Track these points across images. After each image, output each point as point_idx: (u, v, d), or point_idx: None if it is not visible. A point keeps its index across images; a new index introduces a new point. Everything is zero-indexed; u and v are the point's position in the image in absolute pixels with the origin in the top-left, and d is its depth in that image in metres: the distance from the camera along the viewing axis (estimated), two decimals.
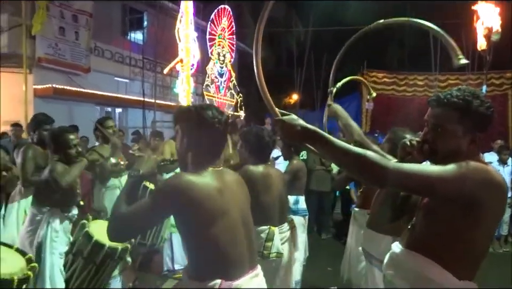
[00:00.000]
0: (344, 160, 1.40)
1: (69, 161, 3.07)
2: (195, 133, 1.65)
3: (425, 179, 1.39)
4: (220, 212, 1.55)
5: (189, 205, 1.49)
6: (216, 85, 14.98)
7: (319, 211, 6.86)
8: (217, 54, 15.08)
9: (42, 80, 9.91)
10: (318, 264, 5.06)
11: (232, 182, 1.71)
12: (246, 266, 1.62)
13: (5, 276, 1.83)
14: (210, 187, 1.56)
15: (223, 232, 1.54)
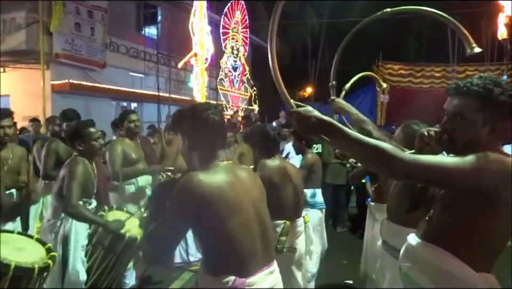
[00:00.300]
0: (360, 151, 1.37)
1: (91, 154, 3.12)
2: (195, 130, 1.66)
3: (441, 171, 1.37)
4: (233, 208, 1.54)
5: (202, 203, 1.49)
6: (230, 78, 15.00)
7: (334, 205, 6.82)
8: (231, 47, 15.08)
9: (59, 75, 10.07)
10: (334, 257, 5.04)
11: (244, 176, 1.69)
12: (261, 262, 1.60)
13: (27, 264, 1.88)
14: (221, 183, 1.55)
15: (237, 229, 1.53)
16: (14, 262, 1.82)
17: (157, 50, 11.94)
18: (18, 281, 1.85)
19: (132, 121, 3.98)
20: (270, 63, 1.43)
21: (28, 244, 2.10)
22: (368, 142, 1.34)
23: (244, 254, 1.54)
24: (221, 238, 1.52)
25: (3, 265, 1.80)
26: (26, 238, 2.17)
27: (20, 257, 1.91)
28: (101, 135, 7.10)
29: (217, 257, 1.56)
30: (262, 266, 1.60)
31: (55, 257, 2.10)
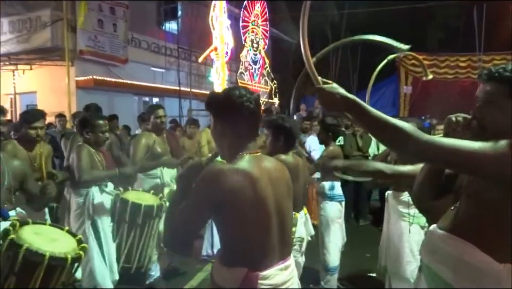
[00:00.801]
0: (380, 130, 1.38)
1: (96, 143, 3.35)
2: (226, 116, 1.60)
3: (457, 153, 1.34)
4: (254, 203, 1.50)
5: (224, 196, 1.47)
6: (250, 72, 14.98)
7: (356, 198, 6.77)
8: (251, 41, 15.05)
9: (84, 72, 10.29)
10: (356, 250, 5.02)
11: (271, 169, 1.64)
12: (276, 257, 1.58)
13: (60, 254, 1.94)
14: (246, 177, 1.50)
15: (255, 224, 1.51)
16: (48, 252, 1.88)
17: (177, 45, 12.04)
18: (52, 270, 1.91)
19: (159, 117, 4.00)
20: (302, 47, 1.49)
21: (59, 235, 2.18)
22: (387, 120, 1.35)
23: (259, 248, 1.54)
24: (238, 231, 1.51)
25: (38, 255, 1.86)
26: (58, 229, 2.24)
27: (53, 247, 1.98)
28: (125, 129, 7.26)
29: (233, 249, 1.56)
30: (277, 261, 1.58)
31: (86, 248, 2.16)
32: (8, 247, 1.86)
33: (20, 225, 2.04)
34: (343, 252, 4.19)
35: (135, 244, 3.27)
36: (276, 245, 1.57)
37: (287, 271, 1.61)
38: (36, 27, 9.99)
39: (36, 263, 1.86)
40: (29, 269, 1.86)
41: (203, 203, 1.49)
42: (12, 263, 1.85)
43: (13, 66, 10.76)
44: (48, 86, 10.47)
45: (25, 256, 1.84)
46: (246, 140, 1.61)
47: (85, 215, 3.21)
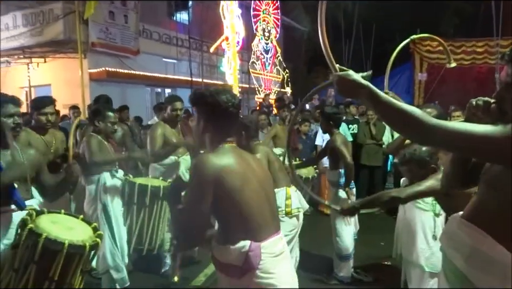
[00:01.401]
0: (391, 115, 1.39)
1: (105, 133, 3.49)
2: (212, 117, 1.78)
3: (468, 138, 1.30)
4: (243, 180, 1.69)
5: (217, 177, 1.64)
6: (262, 61, 14.90)
7: (370, 187, 6.71)
8: (262, 30, 14.94)
9: (96, 64, 10.37)
10: (371, 239, 4.99)
11: (247, 156, 1.86)
12: (271, 229, 1.75)
13: (78, 242, 1.97)
14: (230, 160, 1.70)
15: (249, 198, 1.68)
16: (67, 240, 1.91)
17: (188, 36, 12.01)
18: (71, 258, 1.95)
19: (175, 110, 4.00)
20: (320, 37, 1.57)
21: (75, 224, 2.21)
22: (399, 107, 1.35)
23: (257, 220, 1.69)
24: (235, 207, 1.66)
25: (57, 243, 1.89)
26: (73, 217, 2.27)
27: (71, 235, 2.00)
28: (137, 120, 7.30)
29: (233, 226, 1.69)
30: (272, 232, 1.74)
31: (101, 235, 2.19)
32: (27, 236, 1.89)
33: (36, 214, 2.07)
34: (357, 240, 4.17)
35: (145, 225, 3.36)
36: (269, 218, 1.76)
37: (282, 241, 1.81)
38: (48, 20, 10.07)
39: (55, 251, 1.89)
40: (48, 257, 1.89)
41: (203, 187, 1.64)
42: (32, 251, 1.88)
43: (27, 59, 10.90)
44: (62, 79, 10.58)
45: (44, 245, 1.87)
46: (225, 136, 1.81)
47: (97, 201, 3.31)
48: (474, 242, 1.42)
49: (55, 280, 1.91)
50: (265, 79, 15.00)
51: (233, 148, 1.81)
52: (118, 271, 3.34)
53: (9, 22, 10.59)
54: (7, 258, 1.97)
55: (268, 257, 1.67)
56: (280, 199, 3.09)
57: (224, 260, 1.70)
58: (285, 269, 1.76)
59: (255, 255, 1.64)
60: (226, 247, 1.68)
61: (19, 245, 1.91)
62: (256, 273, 1.65)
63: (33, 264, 1.87)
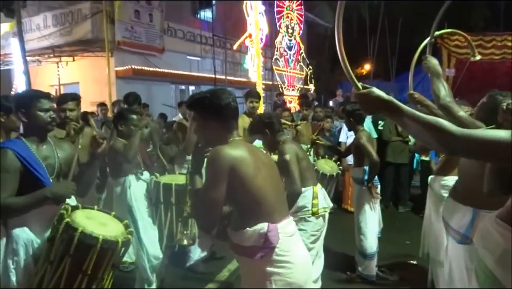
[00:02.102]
0: (415, 128, 1.40)
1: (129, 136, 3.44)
2: (215, 115, 1.89)
3: (493, 145, 1.29)
4: (256, 168, 1.82)
5: (233, 165, 1.76)
6: (285, 58, 14.85)
7: (396, 184, 6.61)
8: (286, 26, 14.87)
9: (123, 62, 10.57)
10: (396, 237, 4.92)
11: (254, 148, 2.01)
12: (283, 213, 1.90)
13: (111, 238, 2.03)
14: (243, 151, 1.83)
15: (262, 183, 1.81)
16: (101, 236, 1.97)
17: (212, 33, 12.08)
18: (103, 253, 2.00)
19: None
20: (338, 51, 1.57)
21: (108, 220, 2.25)
22: (422, 118, 1.37)
23: (270, 204, 1.83)
24: (250, 193, 1.79)
25: (92, 238, 1.95)
26: (105, 214, 2.32)
27: (105, 231, 2.06)
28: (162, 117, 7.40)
29: (249, 210, 1.83)
30: (284, 216, 1.90)
31: (133, 232, 2.24)
32: (63, 230, 1.95)
33: (72, 209, 2.13)
34: (382, 239, 4.12)
35: (174, 222, 3.39)
36: (280, 203, 1.91)
37: (293, 224, 1.95)
38: (77, 20, 10.34)
39: (89, 246, 1.94)
40: (83, 251, 1.95)
41: (218, 176, 1.75)
42: (67, 245, 1.94)
43: (57, 58, 11.22)
44: (89, 77, 10.85)
45: (80, 239, 1.93)
46: (231, 131, 1.92)
47: (124, 203, 3.33)
48: (506, 242, 1.39)
49: (88, 274, 1.97)
50: (288, 75, 14.94)
51: (242, 141, 1.94)
52: (144, 271, 3.38)
53: (40, 22, 10.93)
54: (43, 250, 2.04)
55: (284, 237, 1.82)
56: (307, 199, 3.07)
57: (245, 243, 1.83)
58: (299, 247, 1.92)
59: (273, 234, 1.78)
60: (245, 231, 1.81)
61: (55, 238, 1.97)
62: (275, 251, 1.79)
63: (68, 257, 1.93)
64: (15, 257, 2.07)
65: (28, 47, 9.12)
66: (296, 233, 1.95)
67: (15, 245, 2.07)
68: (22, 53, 7.68)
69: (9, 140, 2.28)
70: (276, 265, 1.79)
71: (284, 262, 1.80)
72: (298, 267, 1.84)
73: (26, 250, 2.09)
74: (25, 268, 2.08)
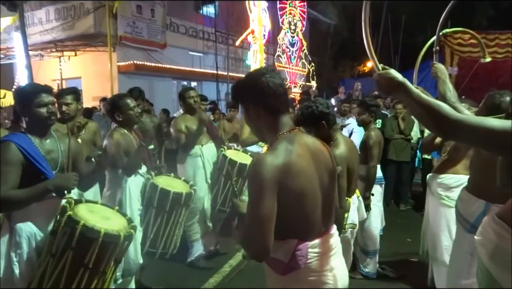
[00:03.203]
0: (418, 109, 1.43)
1: (130, 123, 3.22)
2: (254, 99, 1.62)
3: (487, 132, 1.30)
4: (303, 180, 1.55)
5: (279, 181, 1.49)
6: (287, 55, 14.81)
7: (397, 182, 6.60)
8: (288, 23, 14.82)
9: (125, 57, 10.56)
10: (397, 235, 4.93)
11: (310, 144, 1.67)
12: (321, 227, 1.66)
13: (113, 232, 2.03)
14: (292, 158, 1.54)
15: (305, 200, 1.57)
16: (103, 229, 1.97)
17: (214, 29, 12.06)
18: (106, 247, 2.01)
19: (191, 97, 4.10)
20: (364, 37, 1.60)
21: (111, 214, 2.27)
22: (423, 100, 1.40)
23: (308, 220, 1.61)
24: (290, 207, 1.54)
25: (94, 231, 1.96)
26: (108, 208, 2.32)
27: (107, 225, 2.07)
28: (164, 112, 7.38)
29: (283, 223, 1.56)
30: (323, 230, 1.67)
31: (136, 227, 2.24)
32: (66, 223, 1.96)
33: (75, 203, 2.14)
34: (384, 236, 4.12)
35: (161, 230, 3.23)
36: (321, 216, 1.65)
37: (333, 239, 1.71)
38: (79, 14, 10.32)
39: (91, 239, 1.95)
40: (85, 245, 1.95)
41: (264, 191, 1.47)
42: (69, 238, 1.95)
43: (59, 52, 11.21)
44: (91, 71, 10.84)
45: (81, 232, 1.93)
46: (281, 115, 1.62)
47: (115, 197, 3.17)
48: (499, 240, 1.40)
49: (89, 267, 1.98)
50: (290, 72, 14.91)
51: (295, 136, 1.62)
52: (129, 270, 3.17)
53: (43, 16, 10.91)
54: (45, 244, 2.05)
55: (315, 256, 1.61)
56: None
57: (272, 254, 1.58)
58: (333, 265, 1.68)
59: (301, 254, 1.59)
60: (274, 241, 1.55)
61: (57, 231, 1.98)
62: (301, 272, 1.60)
63: (70, 250, 1.94)
64: (18, 250, 2.07)
65: (30, 41, 9.11)
66: (336, 247, 1.72)
67: (18, 238, 2.08)
68: (24, 47, 7.66)
69: (13, 134, 2.28)
70: (303, 285, 1.62)
71: (314, 282, 1.62)
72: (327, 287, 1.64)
73: (29, 243, 2.09)
74: (28, 261, 2.08)
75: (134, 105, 3.23)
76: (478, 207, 2.41)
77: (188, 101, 4.09)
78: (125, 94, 3.50)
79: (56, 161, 2.24)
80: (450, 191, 3.30)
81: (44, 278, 1.98)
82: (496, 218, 1.46)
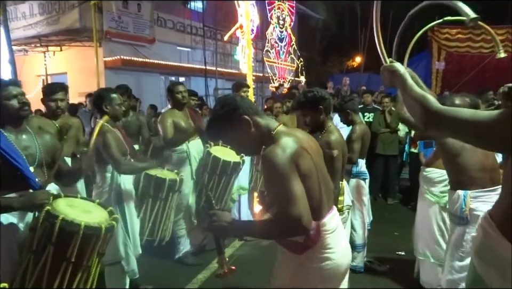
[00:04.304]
0: (407, 100, 1.48)
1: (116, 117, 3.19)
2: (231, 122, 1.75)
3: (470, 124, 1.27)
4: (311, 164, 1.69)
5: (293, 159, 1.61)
6: (276, 50, 14.79)
7: (385, 176, 6.64)
8: (277, 18, 14.80)
9: (111, 52, 10.42)
10: (385, 229, 4.96)
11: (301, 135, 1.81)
12: (326, 207, 1.80)
13: (94, 224, 1.99)
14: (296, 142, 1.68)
15: (313, 181, 1.69)
16: (83, 222, 1.93)
17: (202, 24, 11.96)
18: (87, 240, 1.97)
19: (179, 92, 4.05)
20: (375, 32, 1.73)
21: (91, 207, 2.23)
22: (412, 91, 1.44)
23: (316, 200, 1.73)
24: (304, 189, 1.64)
25: (74, 224, 1.91)
26: (89, 202, 2.30)
27: (88, 218, 2.03)
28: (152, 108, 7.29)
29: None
30: (327, 210, 1.80)
31: (117, 218, 2.21)
32: (44, 218, 1.92)
33: (53, 198, 2.10)
34: (371, 230, 4.15)
35: (158, 218, 3.35)
36: (325, 196, 1.79)
37: (336, 217, 1.86)
38: (64, 8, 10.14)
39: (72, 233, 1.91)
40: (65, 239, 1.91)
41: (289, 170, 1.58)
42: (49, 233, 1.90)
43: (44, 47, 11.02)
44: (77, 67, 10.68)
45: (61, 226, 1.89)
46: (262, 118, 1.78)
47: (111, 190, 3.17)
48: (484, 235, 1.39)
49: (72, 261, 1.94)
50: (279, 67, 14.90)
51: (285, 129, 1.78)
52: (129, 262, 3.23)
53: (26, 10, 10.71)
54: (25, 240, 2.01)
55: (325, 234, 1.75)
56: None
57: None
58: (340, 242, 1.84)
59: (315, 232, 1.71)
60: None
61: (36, 227, 1.94)
62: (315, 249, 1.73)
63: (51, 245, 1.90)
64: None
65: (14, 36, 8.93)
66: (339, 225, 1.87)
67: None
68: (7, 41, 7.51)
69: None
70: (315, 261, 1.75)
71: (324, 258, 1.75)
72: (338, 262, 1.79)
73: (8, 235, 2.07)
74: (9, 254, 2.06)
75: (121, 102, 3.23)
76: (458, 198, 2.54)
77: (176, 96, 4.04)
78: (112, 88, 3.47)
79: (34, 157, 2.21)
80: (433, 185, 3.33)
81: (26, 276, 1.94)
82: (487, 214, 1.44)
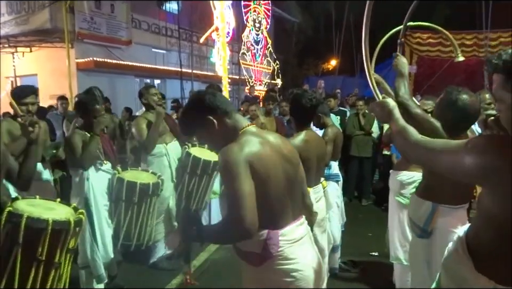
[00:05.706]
0: (394, 134, 1.57)
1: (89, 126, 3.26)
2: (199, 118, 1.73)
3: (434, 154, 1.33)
4: (270, 168, 1.62)
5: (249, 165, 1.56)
6: (252, 52, 14.81)
7: (359, 177, 6.75)
8: (253, 20, 14.83)
9: (84, 54, 10.18)
10: (359, 230, 5.03)
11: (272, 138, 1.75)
12: (290, 216, 1.71)
13: (62, 219, 1.94)
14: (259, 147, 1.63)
15: (272, 188, 1.62)
16: (50, 218, 1.88)
17: (178, 26, 11.85)
18: (56, 236, 1.91)
19: (154, 94, 4.01)
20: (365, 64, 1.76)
21: (54, 205, 2.17)
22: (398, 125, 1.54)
23: (276, 209, 1.66)
24: (257, 196, 1.55)
25: (41, 221, 1.85)
26: (50, 201, 2.23)
27: (53, 214, 1.96)
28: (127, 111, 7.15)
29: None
30: (292, 219, 1.72)
31: (84, 213, 2.16)
32: (7, 219, 1.84)
33: (12, 200, 2.02)
34: (345, 231, 4.19)
35: (133, 222, 3.32)
36: (290, 205, 1.71)
37: (302, 226, 1.77)
38: (34, 8, 9.84)
39: (39, 230, 1.84)
40: (33, 237, 1.84)
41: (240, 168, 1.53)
42: (14, 234, 1.82)
43: (12, 48, 10.66)
44: (48, 68, 10.39)
45: (27, 225, 1.82)
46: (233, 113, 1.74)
47: (78, 195, 3.18)
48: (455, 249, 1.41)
49: (42, 260, 1.87)
50: (255, 70, 14.93)
51: (255, 130, 1.73)
52: (96, 267, 3.20)
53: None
54: None
55: (286, 244, 1.65)
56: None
57: (243, 247, 1.69)
58: (305, 253, 1.73)
59: (273, 242, 1.63)
60: None
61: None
62: (275, 260, 1.65)
63: (18, 246, 1.82)
64: None
65: None
66: (305, 236, 1.77)
67: None
68: None
69: None
70: (278, 274, 1.66)
71: (287, 271, 1.66)
72: (305, 273, 1.68)
73: None
74: None
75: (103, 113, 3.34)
76: (426, 209, 2.35)
77: (150, 98, 3.99)
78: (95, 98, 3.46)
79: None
80: (404, 187, 3.38)
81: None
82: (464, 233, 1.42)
